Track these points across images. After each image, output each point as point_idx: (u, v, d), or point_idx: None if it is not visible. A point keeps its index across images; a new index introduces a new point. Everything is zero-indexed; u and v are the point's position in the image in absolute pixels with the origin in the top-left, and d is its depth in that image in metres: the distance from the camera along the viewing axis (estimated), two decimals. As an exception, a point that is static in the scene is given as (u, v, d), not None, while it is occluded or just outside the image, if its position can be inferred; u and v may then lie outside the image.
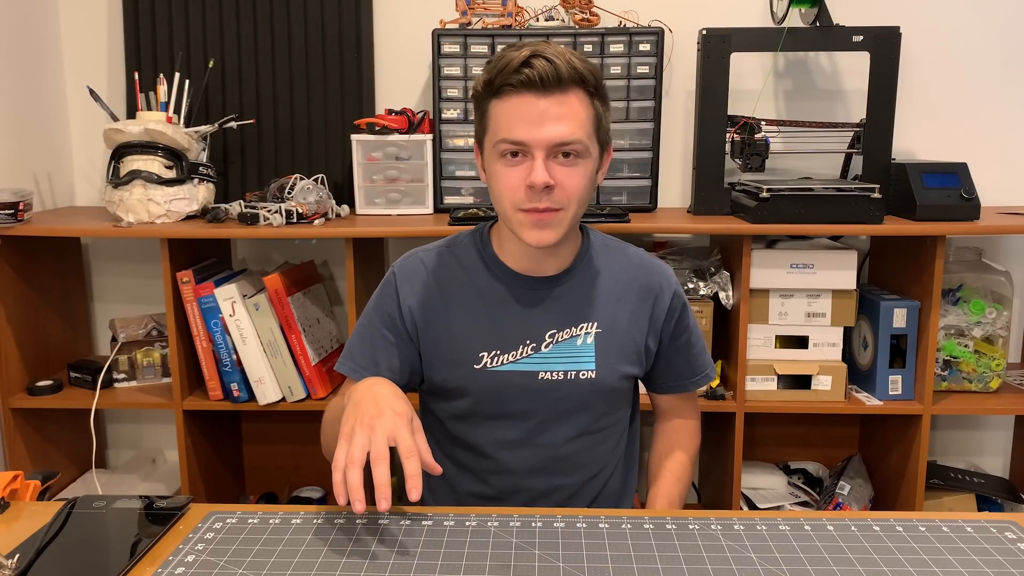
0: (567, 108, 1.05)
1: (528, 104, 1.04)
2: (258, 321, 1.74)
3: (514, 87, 1.04)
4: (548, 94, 1.04)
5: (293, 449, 2.16)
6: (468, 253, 1.20)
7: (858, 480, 1.93)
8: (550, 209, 1.07)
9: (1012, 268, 1.96)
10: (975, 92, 1.97)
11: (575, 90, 1.05)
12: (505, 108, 1.06)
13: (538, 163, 1.04)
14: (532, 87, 1.03)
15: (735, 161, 1.84)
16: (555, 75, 1.03)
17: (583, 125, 1.06)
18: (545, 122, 1.04)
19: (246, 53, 1.96)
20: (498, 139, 1.07)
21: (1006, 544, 0.92)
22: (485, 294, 1.17)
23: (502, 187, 1.08)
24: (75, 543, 0.93)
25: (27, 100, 1.93)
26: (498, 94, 1.06)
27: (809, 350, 1.79)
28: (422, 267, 1.20)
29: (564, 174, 1.06)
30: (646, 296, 1.20)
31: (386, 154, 1.85)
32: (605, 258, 1.21)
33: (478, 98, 1.10)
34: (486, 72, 1.08)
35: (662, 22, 1.88)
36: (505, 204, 1.09)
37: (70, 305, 2.04)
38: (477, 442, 1.20)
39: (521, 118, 1.04)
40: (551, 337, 1.16)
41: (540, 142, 1.04)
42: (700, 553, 0.90)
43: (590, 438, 1.20)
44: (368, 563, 0.88)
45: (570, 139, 1.05)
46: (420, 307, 1.18)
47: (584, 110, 1.06)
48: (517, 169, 1.06)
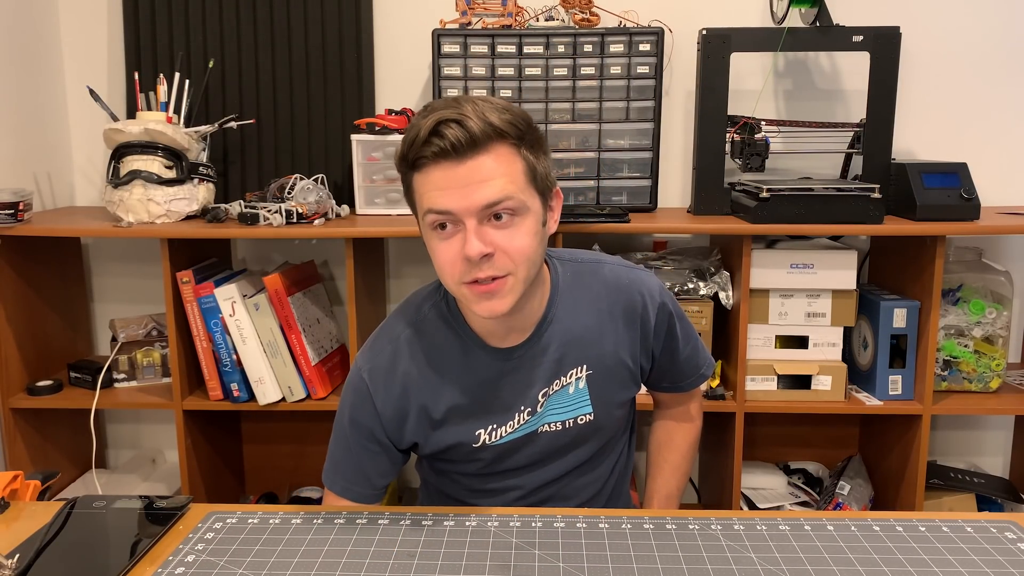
0: (490, 168, 0.95)
1: (446, 173, 0.95)
2: (258, 321, 1.74)
3: (429, 159, 0.95)
4: (464, 158, 0.94)
5: (293, 449, 2.16)
6: (438, 330, 1.11)
7: (858, 480, 1.93)
8: (495, 278, 0.98)
9: (1012, 268, 1.96)
10: (975, 92, 1.97)
11: (496, 146, 0.96)
12: (425, 180, 0.97)
13: (470, 233, 0.95)
14: (446, 156, 0.94)
15: (735, 161, 1.84)
16: (468, 138, 0.93)
17: (513, 180, 0.97)
18: (467, 188, 0.95)
19: (246, 53, 1.96)
20: (424, 211, 0.98)
21: (1006, 544, 0.92)
22: (468, 373, 1.10)
23: (440, 263, 1.00)
24: (75, 543, 0.93)
25: (27, 100, 1.93)
26: (416, 168, 0.98)
27: (809, 350, 1.79)
28: (394, 365, 1.10)
29: (503, 237, 0.97)
30: (631, 319, 1.13)
31: (386, 154, 1.85)
32: (580, 289, 1.13)
33: (400, 170, 1.02)
34: (401, 144, 0.99)
35: (662, 22, 1.88)
36: (448, 281, 1.01)
37: (70, 305, 2.04)
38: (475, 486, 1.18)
39: (442, 188, 0.96)
40: (543, 396, 1.11)
41: (467, 210, 0.95)
42: (700, 553, 0.90)
43: (587, 466, 1.19)
44: (368, 563, 0.88)
45: (499, 198, 0.95)
46: (401, 410, 1.10)
47: (510, 164, 0.97)
48: (451, 242, 0.98)
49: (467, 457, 1.13)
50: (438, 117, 0.94)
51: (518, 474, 1.16)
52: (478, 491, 1.18)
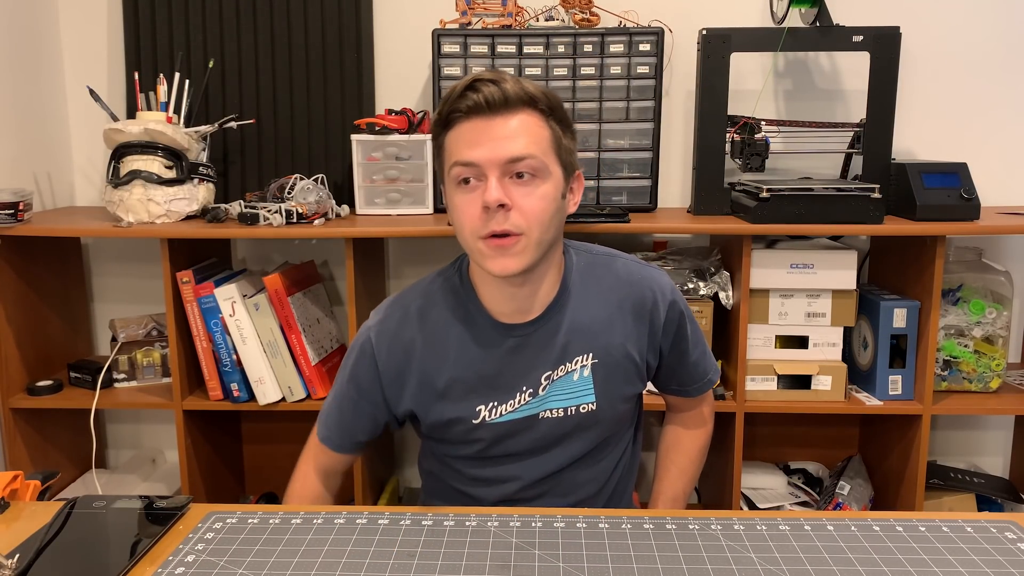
0: (517, 125, 1.01)
1: (476, 127, 1.01)
2: (258, 321, 1.74)
3: (462, 113, 1.02)
4: (495, 115, 1.01)
5: (293, 449, 2.14)
6: (448, 303, 1.14)
7: (858, 480, 1.93)
8: (510, 234, 1.01)
9: (1012, 268, 1.96)
10: (975, 92, 1.97)
11: (526, 110, 1.02)
12: (455, 135, 1.03)
13: (491, 182, 1.00)
14: (479, 111, 1.01)
15: (735, 161, 1.84)
16: (501, 96, 1.00)
17: (537, 142, 1.02)
18: (494, 140, 1.00)
19: (246, 53, 1.96)
20: (451, 164, 1.03)
21: (1006, 544, 0.92)
22: (473, 347, 1.12)
23: (461, 217, 1.04)
24: (75, 543, 0.93)
25: (27, 100, 1.93)
26: (448, 125, 1.04)
27: (809, 350, 1.79)
28: (401, 330, 1.13)
29: (521, 194, 1.01)
30: (640, 314, 1.15)
31: (386, 154, 1.85)
32: (592, 280, 1.15)
33: (434, 136, 1.07)
34: (436, 110, 1.05)
35: (662, 22, 1.88)
36: (466, 235, 1.04)
37: (70, 305, 2.04)
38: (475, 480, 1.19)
39: (470, 142, 1.01)
40: (547, 379, 1.12)
41: (491, 161, 1.00)
42: (700, 553, 0.90)
43: (589, 458, 1.19)
44: (368, 563, 0.88)
45: (523, 154, 1.00)
46: (401, 374, 1.13)
47: (537, 129, 1.03)
48: (473, 195, 1.02)
49: (466, 436, 1.14)
50: (476, 76, 1.02)
51: (518, 460, 1.16)
52: (478, 480, 1.18)
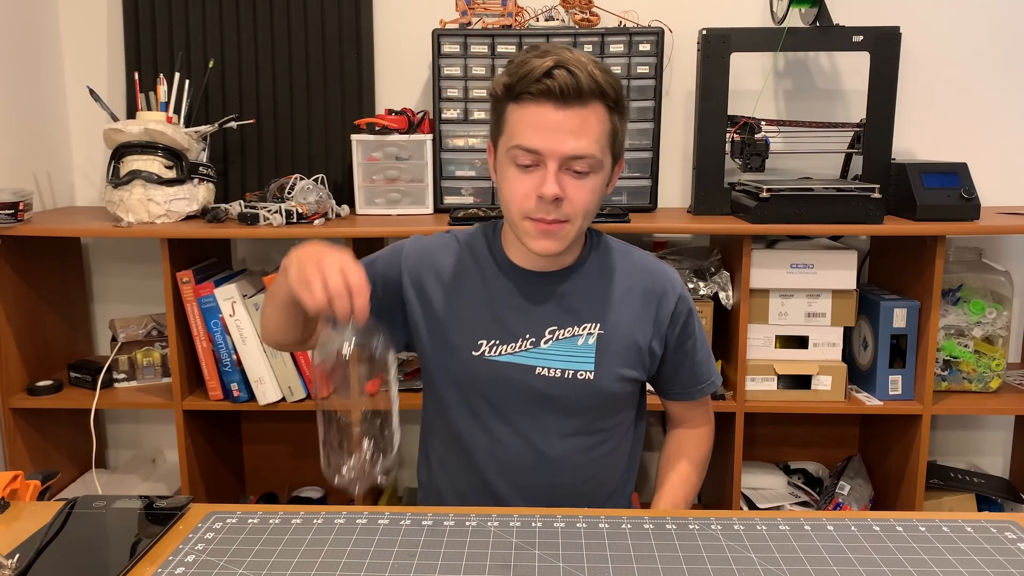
0: (584, 122, 1.04)
1: (545, 114, 1.04)
2: (258, 321, 1.74)
3: (533, 95, 1.04)
4: (567, 106, 1.03)
5: (293, 449, 2.16)
6: (477, 244, 1.22)
7: (858, 480, 1.93)
8: (557, 221, 1.07)
9: (1012, 268, 1.96)
10: (975, 92, 1.97)
11: (594, 104, 1.05)
12: (522, 115, 1.05)
13: (550, 175, 1.04)
14: (551, 97, 1.03)
15: (735, 161, 1.84)
16: (575, 88, 1.02)
17: (598, 140, 1.06)
18: (560, 134, 1.04)
19: (246, 53, 1.96)
20: (512, 144, 1.06)
21: (1006, 544, 0.92)
22: (489, 284, 1.18)
23: (512, 193, 1.08)
24: (75, 543, 0.93)
25: (27, 100, 1.93)
26: (517, 99, 1.06)
27: (809, 350, 1.79)
28: (433, 249, 1.22)
29: (574, 187, 1.06)
30: (650, 299, 1.19)
31: (386, 154, 1.85)
32: (610, 260, 1.21)
33: (496, 99, 1.10)
34: (507, 75, 1.06)
35: (662, 22, 1.88)
36: (513, 210, 1.09)
37: (70, 305, 2.03)
38: (473, 437, 1.20)
39: (537, 127, 1.04)
40: (551, 334, 1.17)
41: (554, 153, 1.04)
42: (700, 553, 0.90)
43: (586, 439, 1.20)
44: (368, 563, 0.88)
45: (584, 153, 1.05)
46: (423, 283, 1.20)
47: (600, 124, 1.06)
48: (528, 177, 1.07)
49: (464, 369, 1.17)
50: (556, 60, 1.02)
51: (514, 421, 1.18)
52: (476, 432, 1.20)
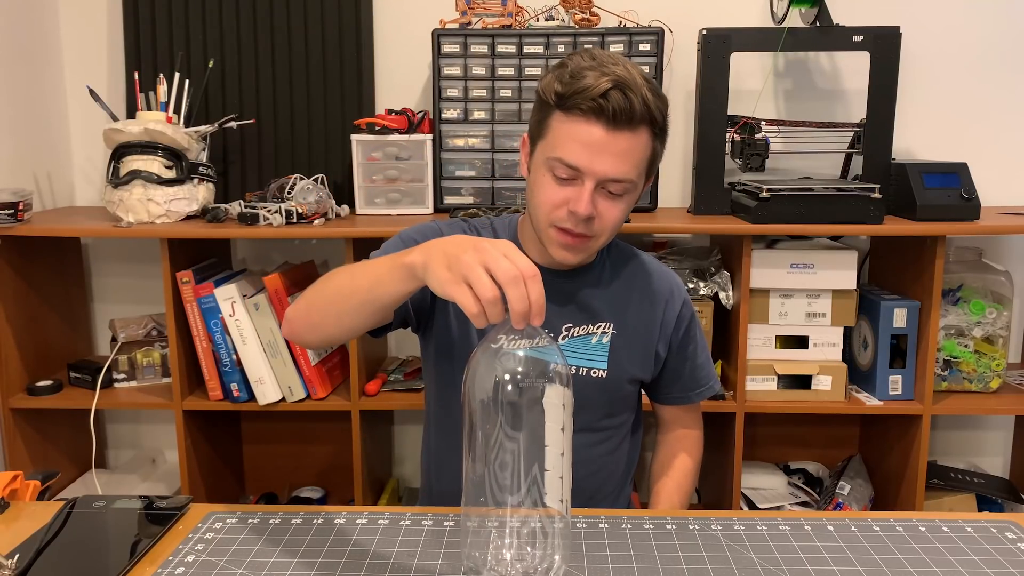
0: (628, 147, 1.04)
1: (593, 133, 1.02)
2: (258, 321, 1.74)
3: (584, 112, 1.02)
4: (616, 130, 1.02)
5: (293, 449, 2.16)
6: (500, 234, 1.21)
7: (858, 480, 1.93)
8: (583, 236, 1.08)
9: (1012, 268, 1.96)
10: (975, 92, 1.97)
11: (642, 129, 1.04)
12: (569, 127, 1.04)
13: (586, 194, 1.04)
14: (602, 117, 1.02)
15: (735, 161, 1.84)
16: (628, 113, 1.01)
17: (637, 165, 1.06)
18: (604, 155, 1.03)
19: (246, 53, 1.96)
20: (554, 155, 1.05)
21: (1006, 544, 0.92)
22: None
23: (543, 200, 1.08)
24: (75, 543, 0.93)
25: (27, 100, 1.93)
26: (567, 110, 1.04)
27: (809, 350, 1.79)
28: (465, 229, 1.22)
29: (606, 207, 1.07)
30: (657, 301, 1.21)
31: (386, 154, 1.85)
32: (620, 262, 1.23)
33: (544, 101, 1.07)
34: (560, 83, 1.04)
35: (662, 22, 1.88)
36: (540, 215, 1.09)
37: (70, 305, 2.03)
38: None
39: (582, 144, 1.03)
40: (567, 331, 1.17)
41: (594, 173, 1.04)
42: (700, 553, 0.90)
43: (590, 436, 1.20)
44: (368, 563, 0.88)
45: (623, 178, 1.05)
46: None
47: (643, 150, 1.06)
48: (563, 189, 1.06)
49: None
50: (615, 81, 1.00)
51: None
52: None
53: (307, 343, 1.13)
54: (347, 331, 1.06)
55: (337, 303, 1.01)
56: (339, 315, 1.01)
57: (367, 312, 0.99)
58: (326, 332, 1.06)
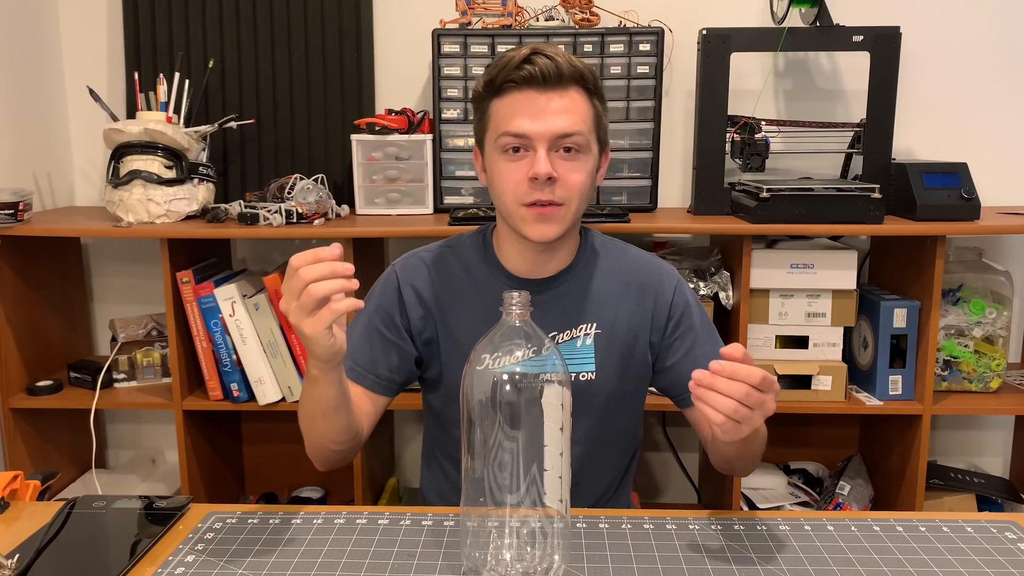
0: (568, 102, 1.07)
1: (530, 99, 1.06)
2: (258, 321, 1.74)
3: (516, 83, 1.06)
4: (549, 89, 1.06)
5: (293, 449, 2.15)
6: (469, 254, 1.21)
7: (858, 480, 1.93)
8: (552, 203, 1.07)
9: (1012, 268, 1.96)
10: (975, 92, 1.97)
11: (575, 88, 1.08)
12: (507, 104, 1.07)
13: (540, 154, 1.06)
14: (534, 83, 1.05)
15: (735, 161, 1.84)
16: (556, 71, 1.05)
17: (584, 119, 1.08)
18: (547, 115, 1.06)
19: (246, 53, 1.96)
20: (500, 133, 1.08)
21: (1006, 544, 0.92)
22: (485, 295, 1.17)
23: (505, 182, 1.09)
24: (75, 543, 0.93)
25: (27, 100, 1.93)
26: (499, 92, 1.08)
27: (809, 350, 1.79)
28: (424, 266, 1.20)
29: (566, 168, 1.08)
30: (646, 294, 1.19)
31: (386, 154, 1.85)
32: (605, 259, 1.21)
33: (478, 99, 1.12)
34: (487, 73, 1.10)
35: (662, 22, 1.88)
36: (507, 199, 1.09)
37: (70, 305, 2.03)
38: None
39: (523, 112, 1.06)
40: (551, 339, 1.15)
41: (543, 134, 1.05)
42: (700, 553, 0.90)
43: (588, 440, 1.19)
44: (368, 563, 0.88)
45: (572, 131, 1.06)
46: (421, 306, 1.18)
47: (584, 106, 1.09)
48: (519, 164, 1.08)
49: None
50: (532, 48, 1.06)
51: None
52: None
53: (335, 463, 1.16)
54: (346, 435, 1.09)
55: (316, 429, 1.08)
56: (327, 434, 1.07)
57: (342, 417, 1.04)
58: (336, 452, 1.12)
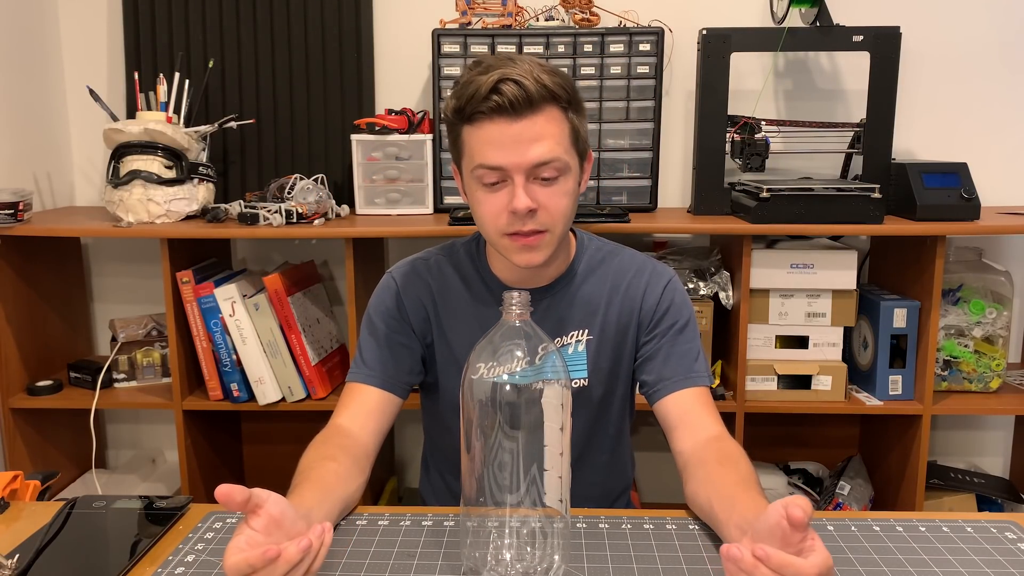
0: (541, 128, 1.01)
1: (501, 129, 1.01)
2: (258, 321, 1.74)
3: (485, 113, 1.01)
4: (520, 117, 1.00)
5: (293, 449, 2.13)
6: (463, 263, 1.19)
7: (858, 480, 1.93)
8: (535, 232, 1.04)
9: (1012, 268, 1.96)
10: (975, 92, 1.97)
11: (548, 108, 1.02)
12: (478, 135, 1.02)
13: (519, 189, 1.01)
14: (503, 112, 1.00)
15: (735, 161, 1.84)
16: (525, 97, 0.99)
17: (560, 142, 1.03)
18: (520, 145, 1.01)
19: (246, 53, 1.96)
20: (475, 165, 1.03)
21: (1006, 544, 0.92)
22: (479, 305, 1.16)
23: (484, 213, 1.06)
24: (75, 543, 0.93)
25: (27, 100, 1.93)
26: (470, 121, 1.03)
27: (809, 350, 1.79)
28: (420, 273, 1.19)
29: (546, 195, 1.03)
30: (635, 292, 1.17)
31: (386, 154, 1.85)
32: (599, 263, 1.19)
33: (450, 123, 1.07)
34: (454, 97, 1.04)
35: (662, 22, 1.88)
36: (489, 230, 1.07)
37: (70, 305, 2.03)
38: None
39: (495, 144, 1.01)
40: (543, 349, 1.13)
41: (518, 166, 1.01)
42: (700, 553, 0.90)
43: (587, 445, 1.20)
44: (368, 563, 0.88)
45: (548, 158, 1.01)
46: (421, 310, 1.18)
47: (559, 126, 1.03)
48: (498, 195, 1.04)
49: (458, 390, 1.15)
50: (500, 75, 0.99)
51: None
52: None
53: None
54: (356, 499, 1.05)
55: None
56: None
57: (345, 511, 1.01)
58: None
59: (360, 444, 1.09)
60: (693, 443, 1.06)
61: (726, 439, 1.07)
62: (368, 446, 1.10)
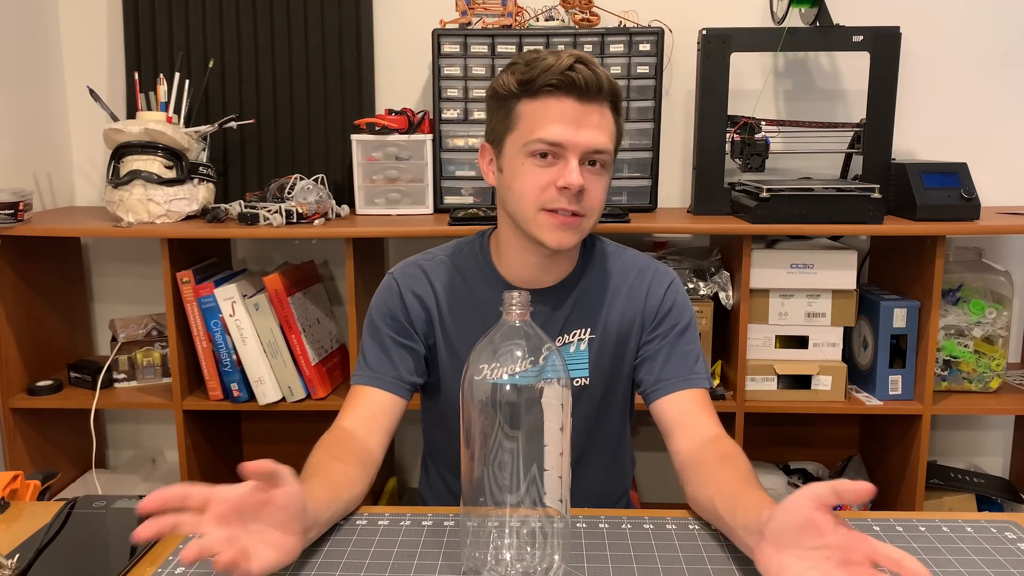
0: (602, 118, 1.06)
1: (567, 107, 1.04)
2: (258, 321, 1.74)
3: (555, 88, 1.03)
4: (588, 101, 1.04)
5: (293, 449, 2.14)
6: (467, 263, 1.19)
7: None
8: (576, 214, 1.06)
9: (1012, 268, 1.96)
10: (975, 92, 1.97)
11: (606, 104, 1.07)
12: (542, 108, 1.04)
13: (573, 165, 1.04)
14: (573, 91, 1.03)
15: (735, 161, 1.84)
16: (597, 84, 1.04)
17: (612, 137, 1.08)
18: (583, 127, 1.04)
19: (246, 53, 1.96)
20: (532, 138, 1.04)
21: (1006, 544, 0.92)
22: (483, 306, 1.16)
23: (529, 186, 1.06)
24: (75, 543, 0.93)
25: (27, 100, 1.93)
26: (535, 94, 1.04)
27: (809, 350, 1.79)
28: (422, 274, 1.18)
29: (592, 181, 1.06)
30: (639, 293, 1.18)
31: (386, 154, 1.85)
32: (603, 263, 1.20)
33: (504, 96, 1.07)
34: (520, 72, 1.05)
35: (662, 22, 1.88)
36: (527, 203, 1.06)
37: (70, 305, 2.03)
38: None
39: (560, 120, 1.04)
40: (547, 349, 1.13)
41: (577, 146, 1.04)
42: (700, 553, 0.90)
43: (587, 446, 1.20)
44: (368, 563, 0.88)
45: (604, 147, 1.06)
46: (423, 311, 1.17)
47: (612, 124, 1.08)
48: (547, 170, 1.05)
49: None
50: (576, 56, 1.04)
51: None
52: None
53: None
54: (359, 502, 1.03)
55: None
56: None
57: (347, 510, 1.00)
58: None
59: (367, 449, 1.09)
60: (692, 443, 1.06)
61: (724, 439, 1.07)
62: (375, 451, 1.10)
